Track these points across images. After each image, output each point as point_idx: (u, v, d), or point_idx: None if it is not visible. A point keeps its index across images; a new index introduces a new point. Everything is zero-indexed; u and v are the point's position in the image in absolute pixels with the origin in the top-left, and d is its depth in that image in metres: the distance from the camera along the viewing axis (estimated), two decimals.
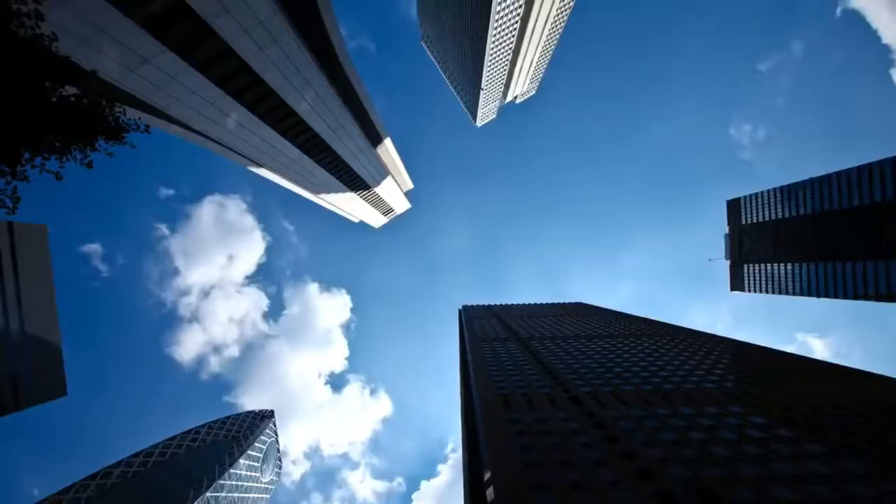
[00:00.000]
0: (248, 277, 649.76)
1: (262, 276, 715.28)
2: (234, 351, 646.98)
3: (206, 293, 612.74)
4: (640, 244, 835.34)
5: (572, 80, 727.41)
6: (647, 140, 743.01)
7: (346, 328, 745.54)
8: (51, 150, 27.20)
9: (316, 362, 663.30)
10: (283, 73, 76.09)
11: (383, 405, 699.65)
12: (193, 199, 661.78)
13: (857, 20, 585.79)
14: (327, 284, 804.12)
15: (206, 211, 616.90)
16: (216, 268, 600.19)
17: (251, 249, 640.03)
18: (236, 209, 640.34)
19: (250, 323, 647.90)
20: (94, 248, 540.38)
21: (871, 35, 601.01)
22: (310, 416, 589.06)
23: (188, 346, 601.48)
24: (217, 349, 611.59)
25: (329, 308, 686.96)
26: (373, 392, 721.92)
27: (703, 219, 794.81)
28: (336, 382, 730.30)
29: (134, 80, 57.30)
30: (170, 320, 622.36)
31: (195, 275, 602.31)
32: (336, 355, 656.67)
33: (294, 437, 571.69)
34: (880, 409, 45.78)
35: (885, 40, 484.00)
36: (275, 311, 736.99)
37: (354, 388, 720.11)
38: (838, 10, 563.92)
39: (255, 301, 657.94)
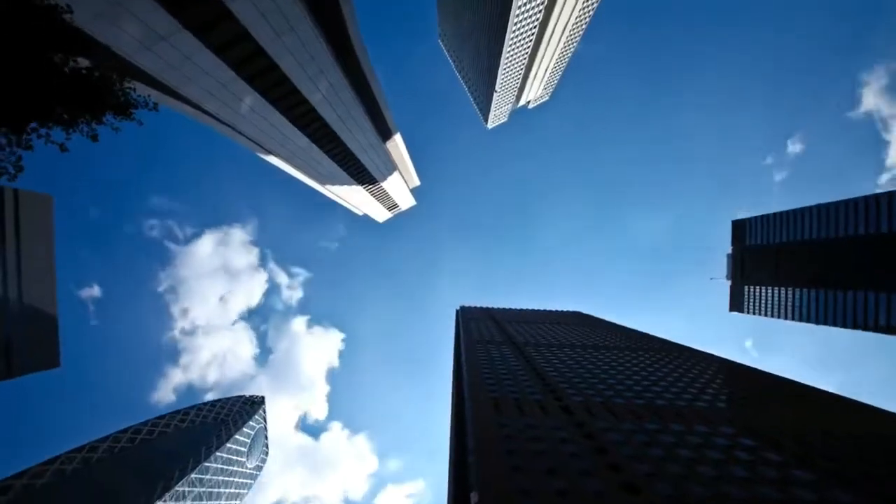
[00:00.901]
0: (241, 316, 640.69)
1: (255, 315, 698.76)
2: (214, 395, 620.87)
3: (193, 331, 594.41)
4: (645, 256, 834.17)
5: (587, 88, 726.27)
6: (659, 153, 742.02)
7: (331, 374, 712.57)
8: (58, 120, 27.11)
9: (296, 406, 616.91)
10: (297, 61, 75.98)
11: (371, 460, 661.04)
12: (194, 230, 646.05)
13: None
14: (319, 319, 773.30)
15: (205, 244, 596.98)
16: (209, 305, 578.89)
17: (246, 286, 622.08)
18: (239, 240, 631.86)
19: (236, 363, 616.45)
20: (92, 291, 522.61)
21: None
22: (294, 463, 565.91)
23: (166, 388, 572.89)
24: (195, 390, 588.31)
25: (319, 346, 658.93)
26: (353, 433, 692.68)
27: (710, 237, 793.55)
28: (315, 429, 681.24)
29: (148, 57, 57.23)
30: (155, 359, 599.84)
31: (191, 313, 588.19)
32: (318, 400, 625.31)
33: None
34: (872, 441, 45.53)
35: None
36: (263, 355, 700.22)
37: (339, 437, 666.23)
38: None
39: (243, 340, 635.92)
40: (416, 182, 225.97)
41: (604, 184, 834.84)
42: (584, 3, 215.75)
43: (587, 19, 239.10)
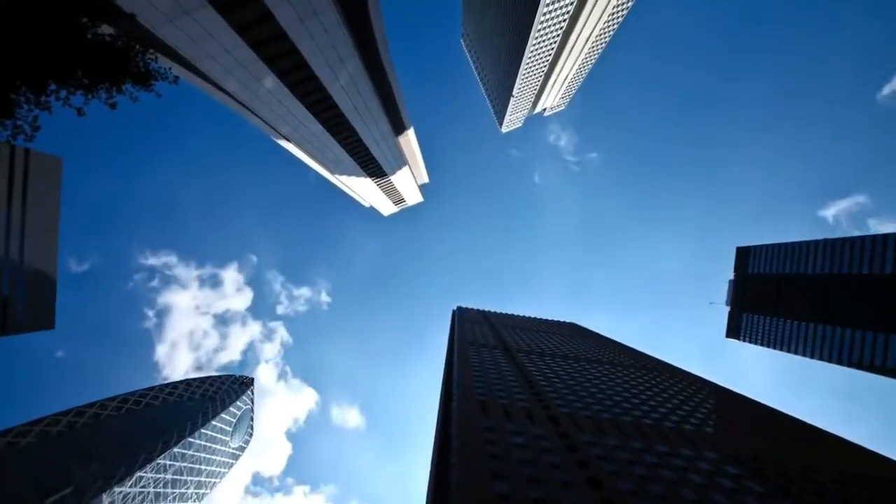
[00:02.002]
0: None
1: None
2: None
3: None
4: (649, 274, 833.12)
5: (604, 101, 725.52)
6: (671, 171, 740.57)
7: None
8: (78, 84, 27.24)
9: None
10: (318, 47, 76.02)
11: None
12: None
13: None
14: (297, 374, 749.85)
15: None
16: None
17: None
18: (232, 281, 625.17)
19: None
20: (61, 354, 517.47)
21: None
22: None
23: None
24: None
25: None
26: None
27: (715, 261, 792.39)
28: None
29: (171, 31, 57.40)
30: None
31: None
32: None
33: None
34: (856, 480, 45.47)
35: None
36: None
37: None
38: None
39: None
40: (425, 179, 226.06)
41: (613, 197, 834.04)
42: (609, 15, 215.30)
43: (612, 31, 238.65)
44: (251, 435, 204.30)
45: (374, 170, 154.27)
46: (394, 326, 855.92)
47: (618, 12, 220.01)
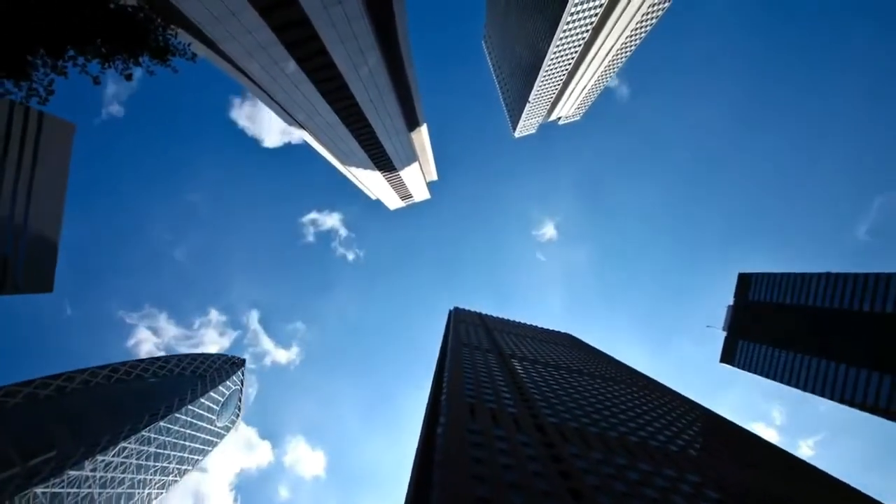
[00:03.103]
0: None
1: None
2: None
3: None
4: (652, 292, 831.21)
5: (619, 116, 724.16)
6: (680, 191, 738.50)
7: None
8: (95, 53, 27.23)
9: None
10: (339, 36, 75.96)
11: None
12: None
13: None
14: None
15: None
16: None
17: None
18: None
19: None
20: None
21: None
22: None
23: None
24: None
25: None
26: None
27: (719, 283, 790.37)
28: None
29: (194, 7, 57.45)
30: None
31: None
32: None
33: None
34: None
35: None
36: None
37: None
38: None
39: None
40: (434, 176, 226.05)
41: (623, 213, 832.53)
42: (632, 30, 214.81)
43: (633, 46, 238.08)
44: (238, 416, 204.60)
45: (384, 163, 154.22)
46: (387, 332, 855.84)
47: (642, 27, 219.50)
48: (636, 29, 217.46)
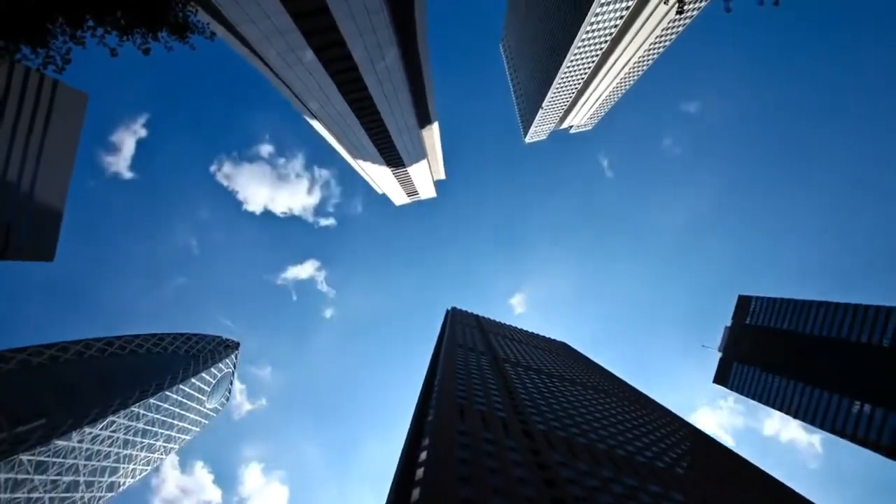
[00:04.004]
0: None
1: None
2: None
3: None
4: (653, 310, 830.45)
5: (630, 130, 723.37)
6: (687, 210, 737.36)
7: None
8: (115, 25, 27.25)
9: None
10: (358, 28, 75.98)
11: None
12: None
13: None
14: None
15: None
16: None
17: None
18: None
19: None
20: None
21: None
22: None
23: None
24: None
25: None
26: None
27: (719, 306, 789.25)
28: None
29: None
30: None
31: None
32: None
33: None
34: None
35: None
36: None
37: None
38: None
39: None
40: (442, 175, 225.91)
41: (632, 227, 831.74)
42: (650, 44, 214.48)
43: (650, 61, 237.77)
44: (228, 399, 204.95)
45: (393, 158, 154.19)
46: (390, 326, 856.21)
47: (660, 43, 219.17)
48: (654, 44, 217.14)
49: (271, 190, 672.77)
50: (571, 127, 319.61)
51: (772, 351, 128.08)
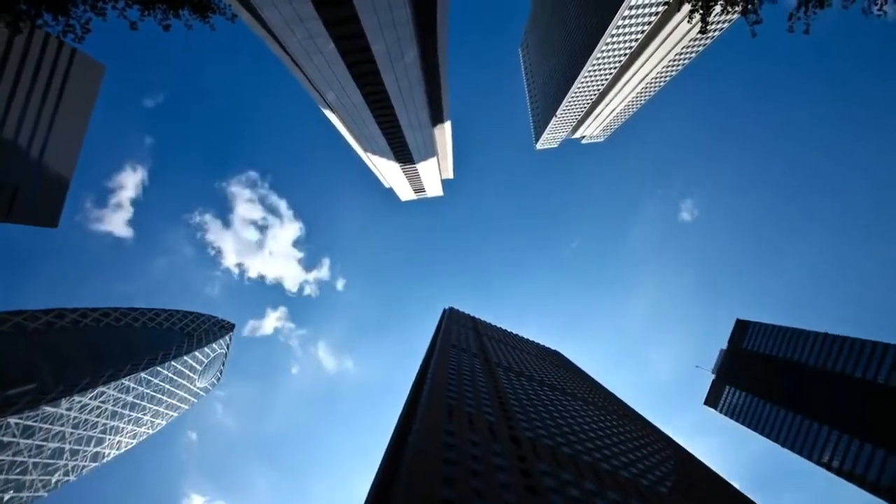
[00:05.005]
0: None
1: None
2: None
3: None
4: (650, 326, 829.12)
5: (641, 145, 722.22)
6: (694, 230, 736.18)
7: None
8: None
9: None
10: (379, 22, 75.99)
11: None
12: None
13: None
14: None
15: None
16: None
17: None
18: None
19: None
20: None
21: None
22: None
23: None
24: None
25: None
26: None
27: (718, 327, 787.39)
28: None
29: None
30: None
31: None
32: None
33: None
34: None
35: None
36: None
37: None
38: None
39: None
40: (450, 175, 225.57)
41: (638, 241, 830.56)
42: (667, 64, 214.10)
43: (666, 79, 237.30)
44: (219, 380, 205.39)
45: (403, 154, 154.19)
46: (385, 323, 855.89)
47: (678, 61, 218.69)
48: (673, 61, 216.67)
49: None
50: (584, 137, 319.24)
51: (766, 377, 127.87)
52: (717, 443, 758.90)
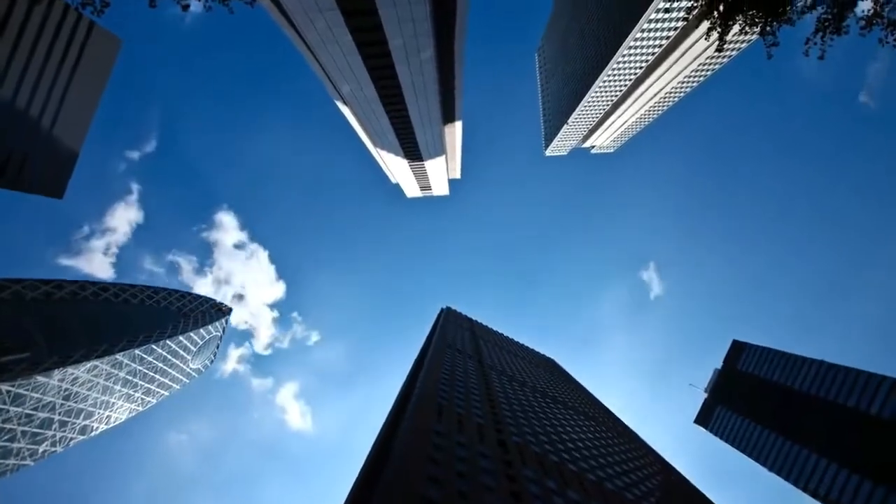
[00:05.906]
0: None
1: None
2: None
3: None
4: (650, 342, 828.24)
5: (650, 158, 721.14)
6: (698, 250, 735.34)
7: None
8: None
9: None
10: (398, 16, 75.91)
11: None
12: None
13: None
14: None
15: None
16: None
17: None
18: None
19: None
20: None
21: None
22: None
23: None
24: None
25: None
26: None
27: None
28: None
29: None
30: None
31: None
32: None
33: None
34: None
35: None
36: None
37: None
38: None
39: None
40: (458, 174, 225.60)
41: (643, 255, 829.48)
42: (682, 79, 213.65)
43: (680, 94, 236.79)
44: (211, 362, 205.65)
45: (412, 151, 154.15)
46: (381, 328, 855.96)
47: (694, 77, 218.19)
48: (689, 76, 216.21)
49: None
50: (594, 147, 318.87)
51: (759, 400, 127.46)
52: (706, 461, 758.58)
